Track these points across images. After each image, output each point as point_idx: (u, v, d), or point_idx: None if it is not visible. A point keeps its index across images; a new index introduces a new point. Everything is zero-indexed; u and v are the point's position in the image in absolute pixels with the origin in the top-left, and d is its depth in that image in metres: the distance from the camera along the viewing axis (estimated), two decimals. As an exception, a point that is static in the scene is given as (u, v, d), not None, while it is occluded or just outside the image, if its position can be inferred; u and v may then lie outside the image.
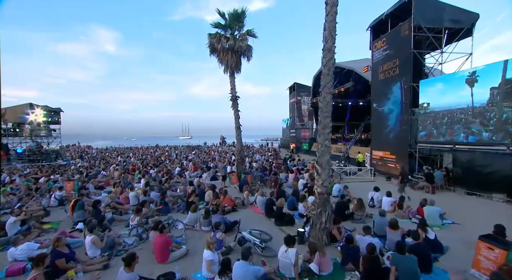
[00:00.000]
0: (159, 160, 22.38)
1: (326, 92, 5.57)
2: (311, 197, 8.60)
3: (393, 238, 5.29)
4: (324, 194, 5.77)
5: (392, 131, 15.10)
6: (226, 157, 26.00)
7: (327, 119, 5.68)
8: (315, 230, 5.83)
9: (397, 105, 14.58)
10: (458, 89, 11.33)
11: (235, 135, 13.34)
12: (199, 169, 17.37)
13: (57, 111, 23.81)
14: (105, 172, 16.38)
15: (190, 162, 20.92)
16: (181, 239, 6.10)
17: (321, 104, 5.69)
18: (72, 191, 10.50)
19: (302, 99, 36.56)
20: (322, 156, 5.74)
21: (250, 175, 12.08)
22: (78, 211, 7.07)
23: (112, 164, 19.67)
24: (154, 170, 16.03)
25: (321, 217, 5.71)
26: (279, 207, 7.20)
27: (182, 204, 8.99)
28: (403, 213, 7.63)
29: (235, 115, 13.15)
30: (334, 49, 5.54)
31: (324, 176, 5.75)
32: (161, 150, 35.59)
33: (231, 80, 13.03)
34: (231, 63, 12.55)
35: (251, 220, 7.67)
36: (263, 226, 7.16)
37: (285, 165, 17.36)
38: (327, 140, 5.70)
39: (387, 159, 15.47)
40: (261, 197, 8.40)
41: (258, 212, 8.42)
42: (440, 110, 12.49)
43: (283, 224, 7.07)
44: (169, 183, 11.55)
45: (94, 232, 5.19)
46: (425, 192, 11.18)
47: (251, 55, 13.03)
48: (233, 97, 13.02)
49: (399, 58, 14.21)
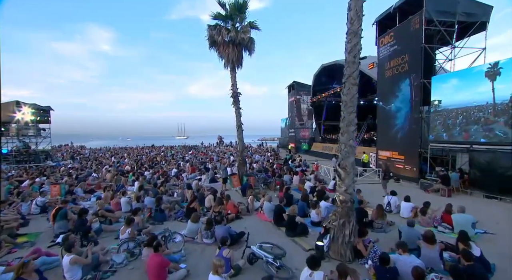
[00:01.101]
0: (154, 161, 21.39)
1: (351, 83, 4.75)
2: (324, 202, 7.82)
3: (430, 254, 4.49)
4: (347, 202, 4.95)
5: (401, 131, 14.36)
6: (225, 157, 25.11)
7: (352, 115, 4.86)
8: (336, 244, 5.00)
9: (406, 103, 13.85)
10: (475, 85, 10.64)
11: (236, 134, 12.47)
12: (197, 171, 16.48)
13: (46, 110, 22.63)
14: (97, 174, 15.37)
15: (187, 163, 20.00)
16: (180, 254, 5.23)
17: (344, 97, 4.87)
18: (58, 196, 9.53)
19: (301, 98, 35.81)
20: (346, 157, 4.92)
21: (253, 178, 11.22)
22: (60, 221, 6.14)
23: (105, 165, 18.64)
24: (149, 171, 15.08)
25: (344, 229, 4.89)
26: (291, 215, 6.35)
27: (180, 211, 8.09)
28: (428, 220, 6.85)
29: (236, 113, 12.29)
30: (361, 33, 4.73)
31: (348, 181, 4.93)
32: (156, 150, 34.51)
33: (232, 75, 12.16)
34: (232, 57, 11.69)
35: (258, 229, 6.81)
36: (272, 237, 6.32)
37: (287, 166, 16.57)
38: (351, 139, 4.88)
39: (395, 159, 14.74)
40: (269, 203, 7.55)
41: (264, 220, 7.57)
42: (454, 108, 11.79)
43: (295, 235, 6.23)
44: (165, 186, 10.63)
45: (74, 250, 4.27)
46: (441, 195, 10.45)
47: (253, 48, 12.18)
48: (234, 94, 12.16)
49: (409, 54, 13.48)
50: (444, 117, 12.28)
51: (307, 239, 6.15)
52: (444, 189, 10.31)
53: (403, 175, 13.89)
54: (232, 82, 12.15)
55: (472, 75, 11.00)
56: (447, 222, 6.55)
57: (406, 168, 13.86)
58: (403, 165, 14.05)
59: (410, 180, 13.31)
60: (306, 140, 34.83)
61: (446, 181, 10.39)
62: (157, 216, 7.42)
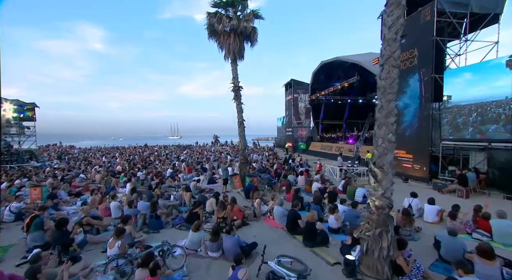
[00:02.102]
0: (148, 161, 20.25)
1: (392, 65, 3.92)
2: (341, 206, 7.02)
3: (489, 272, 3.71)
4: (385, 209, 4.12)
5: (409, 128, 13.71)
6: (221, 157, 24.14)
7: (392, 104, 4.03)
8: (371, 259, 4.17)
9: (414, 99, 13.20)
10: (492, 78, 10.03)
11: (238, 132, 11.54)
12: (193, 171, 15.50)
13: (31, 107, 21.19)
14: (85, 175, 14.21)
15: (182, 162, 18.97)
16: (182, 273, 4.30)
17: (382, 82, 4.04)
18: (38, 200, 8.43)
19: (299, 97, 35.07)
20: (383, 155, 4.09)
21: (256, 178, 10.33)
22: (34, 233, 5.11)
23: (95, 166, 17.43)
24: (143, 172, 14.00)
25: (381, 240, 4.06)
26: (310, 222, 5.47)
27: (179, 216, 7.13)
28: (460, 225, 6.09)
29: (237, 109, 11.37)
30: (404, 2, 3.91)
31: (386, 183, 4.10)
32: (150, 149, 33.22)
33: (233, 67, 11.24)
34: (234, 48, 10.77)
35: (270, 238, 5.92)
36: (287, 247, 5.45)
37: (289, 166, 15.75)
38: (391, 132, 4.05)
39: (402, 158, 14.07)
40: (280, 208, 6.67)
41: (275, 226, 6.69)
42: (467, 104, 11.19)
43: (315, 245, 5.37)
44: (161, 188, 9.65)
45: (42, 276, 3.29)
46: (457, 196, 9.78)
47: (256, 39, 11.28)
48: (235, 88, 11.24)
49: (418, 47, 12.83)
50: (454, 114, 11.69)
51: (329, 250, 5.30)
52: (462, 190, 9.63)
53: (412, 175, 13.24)
54: (233, 75, 11.24)
55: (488, 68, 10.39)
56: (484, 228, 5.81)
57: (414, 167, 13.21)
58: (412, 164, 13.40)
59: (420, 180, 12.67)
60: (304, 139, 34.13)
61: (464, 181, 9.72)
62: (153, 223, 6.45)
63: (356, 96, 29.64)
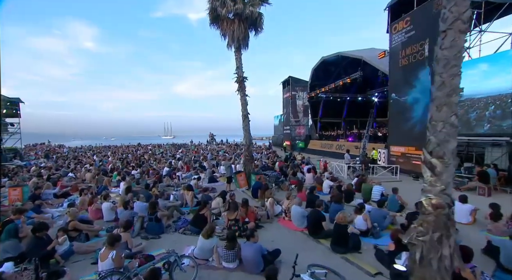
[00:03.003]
0: (142, 159, 19.15)
1: (459, 30, 3.14)
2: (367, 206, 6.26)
3: None
4: (445, 208, 3.34)
5: (418, 124, 13.09)
6: (219, 155, 23.20)
7: (456, 79, 3.25)
8: (427, 270, 3.37)
9: (425, 93, 12.55)
10: None
11: (242, 126, 10.68)
12: (191, 169, 14.57)
13: (15, 102, 19.80)
14: (75, 174, 13.10)
15: (179, 161, 17.99)
16: (193, 290, 3.44)
17: (445, 52, 3.26)
18: (18, 202, 7.39)
19: (297, 94, 34.40)
20: (444, 142, 3.31)
21: (263, 176, 9.49)
22: (7, 242, 4.13)
23: (86, 164, 16.27)
24: (137, 170, 12.99)
25: (442, 247, 3.28)
26: (340, 224, 4.66)
27: (183, 219, 6.23)
28: (504, 227, 5.41)
29: (241, 101, 10.52)
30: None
31: (446, 176, 3.33)
32: (143, 148, 31.96)
33: (237, 56, 10.39)
34: (238, 35, 9.91)
35: (291, 243, 5.11)
36: (314, 254, 4.65)
37: (292, 164, 14.98)
38: (454, 115, 3.27)
39: (412, 155, 13.50)
40: (299, 208, 5.85)
41: (293, 229, 5.87)
42: (482, 97, 10.67)
43: (347, 251, 4.58)
44: (158, 187, 8.71)
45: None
46: (478, 194, 9.16)
47: (261, 26, 10.45)
48: (239, 79, 10.39)
49: (430, 39, 12.22)
50: (467, 108, 11.17)
51: (362, 257, 4.52)
52: (484, 187, 9.02)
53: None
54: (237, 64, 10.39)
55: (506, 58, 9.88)
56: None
57: (425, 164, 12.60)
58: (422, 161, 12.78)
59: (431, 177, 12.03)
60: (302, 138, 33.48)
61: (485, 178, 9.13)
62: (152, 227, 5.54)
63: (355, 94, 29.14)
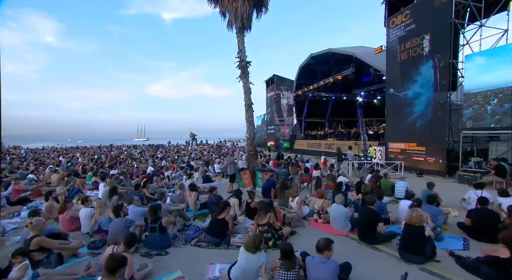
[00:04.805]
0: (118, 160, 16.92)
1: None
2: (405, 202, 5.34)
3: None
4: None
5: (420, 119, 12.79)
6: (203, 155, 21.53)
7: None
8: None
9: (428, 87, 12.29)
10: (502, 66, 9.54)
11: (245, 117, 9.42)
12: (179, 169, 12.95)
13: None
14: (35, 175, 10.82)
15: (162, 160, 16.15)
16: None
17: None
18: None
19: (281, 93, 33.74)
20: None
21: (273, 174, 8.28)
22: None
23: (50, 165, 13.79)
24: (116, 171, 11.06)
25: None
26: (414, 225, 3.59)
27: (193, 227, 4.78)
28: None
29: (244, 89, 9.26)
30: None
31: None
32: (117, 149, 29.06)
33: (240, 38, 9.15)
34: (242, 12, 8.68)
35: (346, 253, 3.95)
36: (379, 265, 3.56)
37: (291, 161, 13.96)
38: None
39: (413, 151, 13.15)
40: (342, 207, 4.73)
41: (337, 234, 4.71)
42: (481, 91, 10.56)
43: (425, 260, 3.53)
44: (149, 188, 7.11)
45: None
46: (495, 189, 8.79)
47: (267, 4, 9.33)
48: (242, 63, 9.14)
49: (432, 32, 11.97)
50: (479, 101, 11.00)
51: (445, 266, 3.51)
52: (501, 181, 8.67)
53: (425, 168, 12.27)
54: (240, 47, 9.14)
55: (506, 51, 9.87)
56: None
57: (428, 160, 12.28)
58: (424, 157, 12.47)
59: (435, 173, 11.70)
60: (286, 137, 32.85)
61: (502, 173, 8.80)
62: (155, 239, 4.07)
63: (341, 93, 29.21)
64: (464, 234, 4.65)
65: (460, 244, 4.22)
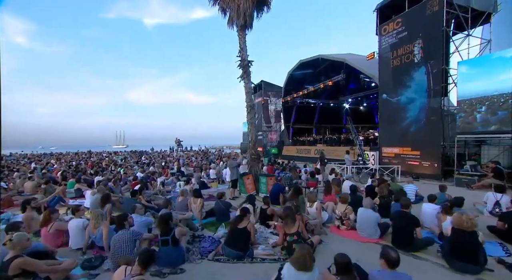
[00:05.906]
0: (100, 166, 15.64)
1: None
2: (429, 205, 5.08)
3: None
4: None
5: (414, 124, 12.99)
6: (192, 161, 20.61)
7: None
8: None
9: (421, 93, 12.56)
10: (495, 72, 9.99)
11: (247, 118, 8.94)
12: (169, 176, 12.15)
13: None
14: (6, 183, 9.54)
15: (150, 166, 15.15)
16: None
17: None
18: None
19: (269, 99, 33.67)
20: None
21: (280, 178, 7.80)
22: None
23: (21, 172, 12.34)
24: (101, 177, 10.03)
25: None
26: (466, 231, 3.25)
27: (209, 238, 4.14)
28: None
29: (246, 89, 8.80)
30: None
31: None
32: (97, 156, 27.21)
33: (241, 36, 8.74)
34: (245, 9, 8.30)
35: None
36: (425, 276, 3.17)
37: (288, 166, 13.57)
38: None
39: (407, 156, 13.27)
40: (371, 212, 4.35)
41: (359, 240, 4.30)
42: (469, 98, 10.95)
43: (481, 270, 3.19)
44: (145, 195, 6.35)
45: None
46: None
47: (269, 5, 9.06)
48: (243, 63, 8.70)
49: (424, 39, 12.33)
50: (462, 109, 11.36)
51: (504, 276, 3.19)
52: (502, 184, 8.78)
53: (420, 172, 12.39)
54: (241, 46, 8.72)
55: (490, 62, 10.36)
56: None
57: (423, 164, 12.42)
58: (419, 161, 12.61)
59: (430, 177, 11.85)
60: (274, 144, 32.64)
61: (500, 175, 8.95)
62: (168, 255, 3.41)
63: (328, 99, 29.62)
64: (496, 238, 4.42)
65: (500, 249, 3.96)
